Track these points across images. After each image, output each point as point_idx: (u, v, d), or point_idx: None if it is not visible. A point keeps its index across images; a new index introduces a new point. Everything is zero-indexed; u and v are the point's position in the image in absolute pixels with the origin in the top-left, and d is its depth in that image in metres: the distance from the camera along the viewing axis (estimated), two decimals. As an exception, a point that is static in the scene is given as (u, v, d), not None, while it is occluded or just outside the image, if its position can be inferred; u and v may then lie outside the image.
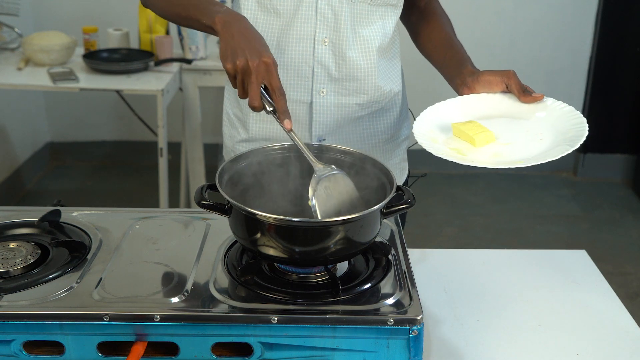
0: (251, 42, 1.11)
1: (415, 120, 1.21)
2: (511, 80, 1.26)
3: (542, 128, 1.16)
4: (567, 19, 3.88)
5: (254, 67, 1.08)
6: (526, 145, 1.12)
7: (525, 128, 1.17)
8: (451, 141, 1.15)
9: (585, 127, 1.12)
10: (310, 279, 1.07)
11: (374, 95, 1.39)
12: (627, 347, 1.12)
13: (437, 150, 1.09)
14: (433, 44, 1.45)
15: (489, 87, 1.27)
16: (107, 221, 1.22)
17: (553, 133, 1.14)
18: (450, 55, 1.38)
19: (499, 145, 1.13)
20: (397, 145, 1.49)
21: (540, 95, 1.24)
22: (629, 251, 3.35)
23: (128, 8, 3.49)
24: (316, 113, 1.37)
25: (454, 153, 1.10)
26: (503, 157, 1.09)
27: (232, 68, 1.10)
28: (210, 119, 3.77)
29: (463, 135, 1.15)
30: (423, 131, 1.16)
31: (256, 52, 1.09)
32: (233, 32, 1.12)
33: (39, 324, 0.96)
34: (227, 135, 1.51)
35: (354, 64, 1.35)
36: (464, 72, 1.31)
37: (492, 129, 1.15)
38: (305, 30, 1.32)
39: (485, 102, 1.24)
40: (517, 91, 1.25)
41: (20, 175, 3.69)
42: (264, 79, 1.09)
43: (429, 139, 1.14)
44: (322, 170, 1.08)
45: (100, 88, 2.81)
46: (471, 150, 1.11)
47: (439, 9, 1.50)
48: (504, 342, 1.12)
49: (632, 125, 4.00)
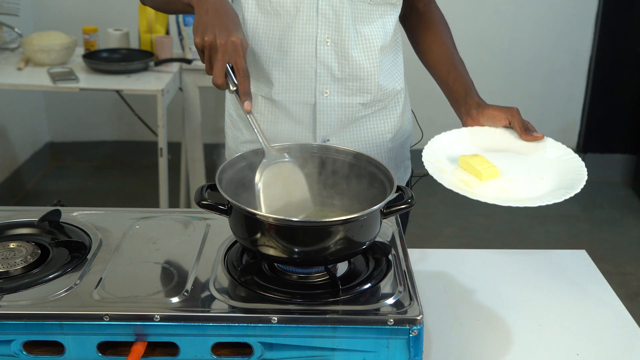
0: (223, 19, 1.11)
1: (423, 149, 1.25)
2: (514, 118, 1.31)
3: (543, 167, 1.23)
4: (567, 19, 3.88)
5: (221, 45, 1.08)
6: (529, 183, 1.18)
7: (527, 165, 1.24)
8: (458, 172, 1.21)
9: (584, 171, 1.20)
10: (310, 279, 1.07)
11: (377, 94, 1.39)
12: (627, 347, 1.12)
13: (447, 182, 1.14)
14: (435, 59, 1.46)
15: (492, 121, 1.33)
16: (107, 221, 1.22)
17: (554, 173, 1.21)
18: (454, 77, 1.42)
19: (504, 181, 1.19)
20: (401, 143, 1.50)
21: (540, 135, 1.30)
22: (629, 251, 3.35)
23: (128, 8, 3.49)
24: (320, 114, 1.37)
25: (462, 185, 1.16)
26: (509, 194, 1.15)
27: (200, 43, 1.10)
28: (210, 119, 3.76)
29: (469, 168, 1.20)
30: (432, 160, 1.22)
31: (226, 30, 1.09)
32: (207, 6, 1.13)
33: (39, 324, 0.96)
34: (230, 136, 1.50)
35: (356, 63, 1.35)
36: (469, 102, 1.37)
37: (496, 163, 1.21)
38: (307, 31, 1.32)
39: (489, 135, 1.31)
40: (519, 129, 1.30)
41: (20, 175, 3.69)
42: (230, 58, 1.09)
43: (438, 169, 1.19)
44: (272, 157, 1.09)
45: (100, 88, 2.81)
46: (477, 184, 1.17)
47: (437, 13, 1.50)
48: (504, 342, 1.12)
49: (632, 125, 4.00)
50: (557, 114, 4.06)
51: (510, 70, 3.95)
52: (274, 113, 1.39)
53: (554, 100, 4.04)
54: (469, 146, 1.28)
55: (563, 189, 1.15)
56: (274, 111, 1.39)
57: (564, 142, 1.31)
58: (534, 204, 1.09)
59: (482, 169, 1.18)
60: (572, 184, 1.16)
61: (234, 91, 1.10)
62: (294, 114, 1.38)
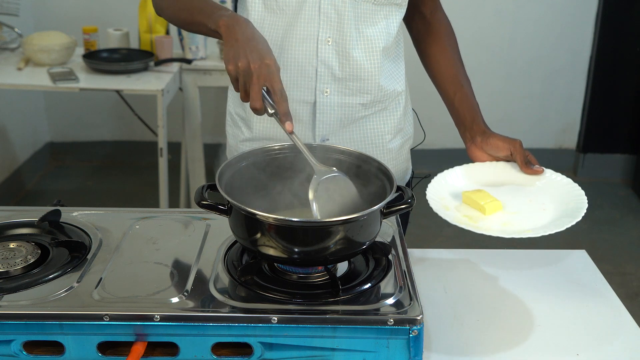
0: (254, 44, 1.11)
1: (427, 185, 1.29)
2: (517, 150, 1.35)
3: (544, 198, 1.27)
4: (567, 19, 3.88)
5: (255, 69, 1.08)
6: (531, 214, 1.22)
7: (528, 197, 1.27)
8: (462, 208, 1.24)
9: (584, 200, 1.23)
10: (310, 279, 1.07)
11: (378, 95, 1.39)
12: (627, 347, 1.12)
13: (452, 218, 1.17)
14: (441, 75, 1.47)
15: (495, 150, 1.37)
16: (107, 221, 1.22)
17: (555, 203, 1.25)
18: (460, 98, 1.44)
19: (507, 214, 1.22)
20: (401, 145, 1.49)
21: (540, 170, 1.33)
22: (629, 251, 3.35)
23: (128, 8, 3.49)
24: (320, 113, 1.37)
25: (467, 220, 1.19)
26: (513, 226, 1.18)
27: (234, 70, 1.10)
28: (210, 119, 3.77)
29: (473, 203, 1.23)
30: (435, 197, 1.25)
31: (258, 55, 1.09)
32: (237, 35, 1.13)
33: (39, 324, 0.96)
34: (230, 134, 1.51)
35: (357, 63, 1.35)
36: (475, 129, 1.41)
37: (498, 197, 1.25)
38: (309, 30, 1.32)
39: (490, 170, 1.35)
40: (520, 161, 1.34)
41: (20, 175, 3.69)
42: (265, 81, 1.09)
43: (442, 206, 1.23)
44: (323, 172, 1.09)
45: (100, 88, 2.81)
46: (482, 218, 1.20)
47: (444, 22, 1.50)
48: (504, 342, 1.12)
49: (632, 125, 4.00)
50: (557, 114, 4.06)
51: (510, 70, 3.94)
52: None
53: (554, 100, 4.04)
54: (470, 182, 1.32)
55: (565, 217, 1.18)
56: None
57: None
58: (537, 234, 1.13)
59: (485, 203, 1.21)
60: (574, 213, 1.19)
61: (273, 114, 1.10)
62: (293, 112, 1.38)
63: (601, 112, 4.01)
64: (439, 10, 1.51)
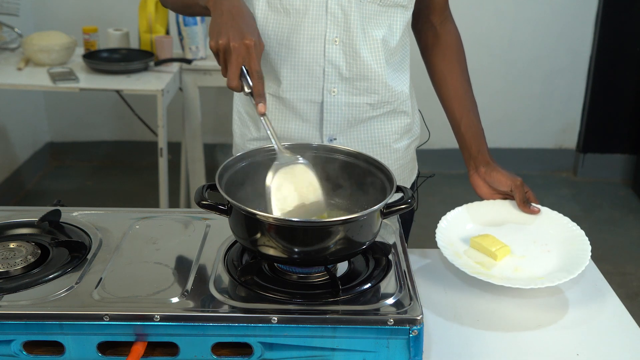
0: (237, 21, 1.11)
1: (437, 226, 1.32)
2: (517, 188, 1.39)
3: (546, 238, 1.34)
4: (567, 19, 3.88)
5: (234, 48, 1.08)
6: (538, 257, 1.29)
7: (532, 238, 1.35)
8: (471, 252, 1.29)
9: (586, 239, 1.31)
10: (310, 279, 1.07)
11: (385, 95, 1.39)
12: (627, 347, 1.12)
13: (469, 269, 1.21)
14: (449, 95, 1.48)
15: (497, 184, 1.42)
16: (107, 221, 1.22)
17: (557, 243, 1.32)
18: (466, 124, 1.46)
19: (515, 258, 1.29)
20: (407, 145, 1.49)
21: (537, 210, 1.39)
22: (629, 251, 3.35)
23: (128, 8, 3.49)
24: (327, 112, 1.37)
25: (481, 269, 1.24)
26: (524, 272, 1.25)
27: (214, 46, 1.11)
28: (210, 119, 3.77)
29: (482, 249, 1.29)
30: (446, 244, 1.28)
31: (239, 33, 1.09)
32: (223, 9, 1.13)
33: (39, 324, 0.96)
34: (237, 133, 1.51)
35: (364, 63, 1.34)
36: (479, 159, 1.44)
37: (503, 238, 1.31)
38: (316, 29, 1.32)
39: (491, 209, 1.41)
40: (518, 200, 1.39)
41: (20, 175, 3.69)
42: (244, 60, 1.09)
43: (453, 253, 1.27)
44: (284, 159, 1.10)
45: (100, 88, 2.81)
46: (493, 265, 1.26)
47: (454, 34, 1.49)
48: (504, 342, 1.12)
49: (632, 125, 4.00)
50: (557, 114, 4.06)
51: (510, 71, 3.95)
52: (282, 111, 1.39)
53: (554, 100, 4.04)
54: (475, 222, 1.38)
55: (572, 261, 1.25)
56: (282, 109, 1.39)
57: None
58: (553, 284, 1.18)
59: (496, 249, 1.27)
60: (578, 257, 1.26)
61: (249, 93, 1.11)
62: (301, 112, 1.38)
63: (601, 112, 4.01)
64: (449, 22, 1.50)
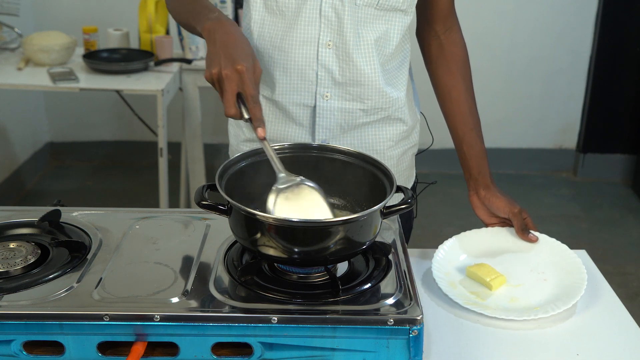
0: (229, 49, 1.09)
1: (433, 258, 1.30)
2: (515, 216, 1.38)
3: (543, 266, 1.31)
4: (567, 19, 3.88)
5: (226, 76, 1.06)
6: (534, 286, 1.26)
7: (528, 267, 1.31)
8: (467, 282, 1.27)
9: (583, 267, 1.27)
10: (310, 279, 1.07)
11: (379, 101, 1.37)
12: (627, 347, 1.12)
13: (462, 300, 1.19)
14: (452, 112, 1.46)
15: (495, 209, 1.42)
16: (107, 221, 1.22)
17: (554, 271, 1.29)
18: (469, 143, 1.44)
19: (511, 287, 1.26)
20: (403, 152, 1.47)
21: (535, 238, 1.36)
22: (629, 251, 3.35)
23: (128, 8, 3.49)
24: (319, 117, 1.37)
25: (476, 299, 1.22)
26: (520, 302, 1.21)
27: (209, 76, 1.09)
28: (210, 119, 3.77)
29: (478, 278, 1.26)
30: (441, 275, 1.26)
31: (230, 60, 1.07)
32: (215, 39, 1.12)
33: (39, 324, 0.96)
34: (232, 134, 1.51)
35: (358, 69, 1.33)
36: (480, 180, 1.44)
37: (499, 267, 1.28)
38: (310, 33, 1.31)
39: (486, 238, 1.39)
40: (517, 227, 1.37)
41: (20, 175, 3.69)
42: (238, 87, 1.07)
43: (448, 283, 1.25)
44: (283, 180, 1.07)
45: (100, 88, 2.81)
46: (489, 295, 1.24)
47: (460, 45, 1.46)
48: (504, 342, 1.12)
49: (632, 125, 4.00)
50: (557, 114, 4.06)
51: (511, 71, 3.95)
52: (275, 114, 1.39)
53: (554, 100, 4.04)
54: (470, 252, 1.35)
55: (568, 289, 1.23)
56: (275, 112, 1.39)
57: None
58: (547, 314, 1.16)
59: (491, 279, 1.24)
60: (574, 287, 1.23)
61: (248, 119, 1.08)
62: (294, 115, 1.37)
63: (601, 112, 4.01)
64: (454, 31, 1.45)
